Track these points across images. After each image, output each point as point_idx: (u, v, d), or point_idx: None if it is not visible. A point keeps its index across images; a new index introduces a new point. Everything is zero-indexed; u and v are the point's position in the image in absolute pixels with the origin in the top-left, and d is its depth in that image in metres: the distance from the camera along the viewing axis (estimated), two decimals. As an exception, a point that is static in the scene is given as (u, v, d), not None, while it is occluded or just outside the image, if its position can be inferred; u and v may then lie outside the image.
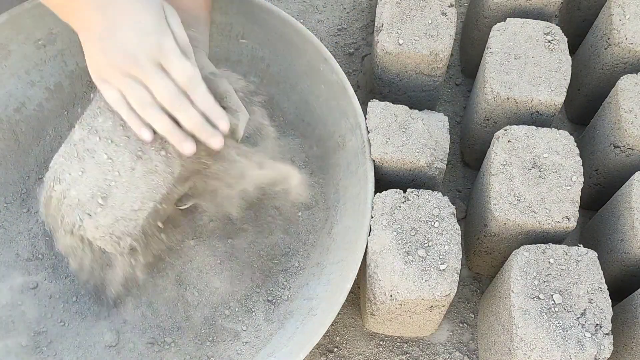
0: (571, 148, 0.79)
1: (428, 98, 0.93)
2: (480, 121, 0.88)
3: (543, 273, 0.71)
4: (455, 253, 0.73)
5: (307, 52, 0.88)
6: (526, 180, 0.77)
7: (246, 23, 0.91)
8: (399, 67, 0.87)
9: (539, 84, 0.82)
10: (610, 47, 0.88)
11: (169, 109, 0.66)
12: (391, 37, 0.85)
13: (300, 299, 0.81)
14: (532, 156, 0.78)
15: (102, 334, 0.79)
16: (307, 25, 1.11)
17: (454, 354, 0.87)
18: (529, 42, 0.85)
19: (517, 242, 0.78)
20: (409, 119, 0.82)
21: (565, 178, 0.77)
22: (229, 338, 0.80)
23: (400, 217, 0.76)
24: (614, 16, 0.87)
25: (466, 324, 0.89)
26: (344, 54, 1.10)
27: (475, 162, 0.97)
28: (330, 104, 0.87)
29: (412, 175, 0.82)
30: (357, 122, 0.82)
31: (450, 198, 0.96)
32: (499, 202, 0.76)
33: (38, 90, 0.90)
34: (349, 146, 0.84)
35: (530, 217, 0.75)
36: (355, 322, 0.88)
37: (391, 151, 0.80)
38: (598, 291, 0.70)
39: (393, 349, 0.87)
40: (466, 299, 0.91)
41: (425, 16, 0.86)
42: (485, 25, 0.95)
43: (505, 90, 0.82)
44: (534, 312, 0.69)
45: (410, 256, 0.73)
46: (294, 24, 0.87)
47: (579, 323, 0.68)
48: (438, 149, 0.81)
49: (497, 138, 0.80)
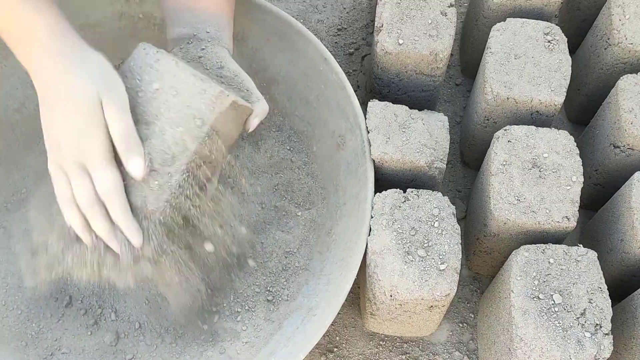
0: (571, 148, 0.79)
1: (428, 98, 0.93)
2: (480, 121, 0.88)
3: (543, 273, 0.71)
4: (455, 253, 0.73)
5: (307, 52, 0.88)
6: (526, 180, 0.77)
7: (246, 23, 0.91)
8: (398, 67, 0.87)
9: (539, 84, 0.82)
10: (610, 47, 0.88)
11: (84, 213, 0.65)
12: (391, 37, 0.85)
13: (300, 298, 0.81)
14: (532, 156, 0.78)
15: (102, 334, 0.79)
16: (307, 25, 1.11)
17: (454, 354, 0.87)
18: (528, 42, 0.85)
19: (517, 242, 0.78)
20: (409, 119, 0.82)
21: (565, 178, 0.77)
22: (229, 338, 0.80)
23: (400, 217, 0.76)
24: (613, 16, 0.87)
25: (466, 324, 0.89)
26: (344, 54, 1.10)
27: (475, 162, 0.97)
28: (330, 104, 0.87)
29: (412, 175, 0.82)
30: (357, 122, 0.82)
31: (450, 198, 0.96)
32: (499, 202, 0.76)
33: None
34: (348, 146, 0.84)
35: (530, 217, 0.75)
36: (355, 322, 0.88)
37: (391, 151, 0.80)
38: (598, 291, 0.70)
39: (393, 348, 0.87)
40: (466, 299, 0.91)
41: (425, 16, 0.86)
42: (485, 25, 0.95)
43: (505, 90, 0.82)
44: (533, 312, 0.69)
45: (410, 256, 0.73)
46: (294, 24, 0.87)
47: (579, 323, 0.68)
48: (438, 149, 0.81)
49: (497, 138, 0.80)
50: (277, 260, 0.84)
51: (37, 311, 0.80)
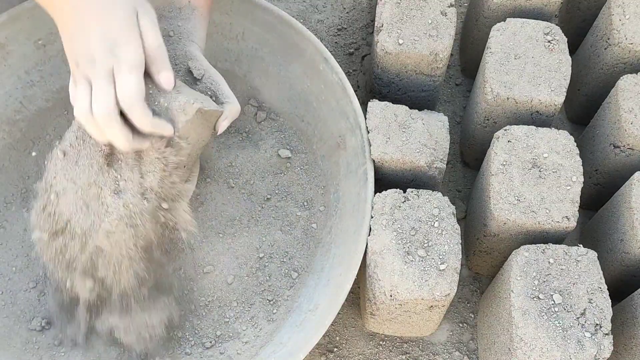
0: (571, 148, 0.79)
1: (428, 98, 0.93)
2: (480, 121, 0.88)
3: (543, 273, 0.71)
4: (455, 253, 0.73)
5: (307, 52, 0.88)
6: (526, 180, 0.77)
7: (246, 23, 0.91)
8: (398, 67, 0.87)
9: (539, 84, 0.82)
10: (610, 47, 0.88)
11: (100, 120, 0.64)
12: (391, 37, 0.85)
13: (301, 298, 0.81)
14: (532, 156, 0.78)
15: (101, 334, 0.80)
16: (307, 25, 1.11)
17: (454, 354, 0.87)
18: (528, 42, 0.85)
19: (517, 242, 0.78)
20: (409, 118, 0.82)
21: (565, 178, 0.77)
22: (229, 338, 0.80)
23: (400, 217, 0.76)
24: (613, 16, 0.87)
25: (466, 324, 0.89)
26: (344, 54, 1.10)
27: (475, 162, 0.97)
28: (330, 104, 0.87)
29: (412, 175, 0.82)
30: (357, 122, 0.82)
31: (450, 198, 0.96)
32: (499, 202, 0.76)
33: (38, 90, 0.90)
34: (349, 146, 0.84)
35: (530, 217, 0.75)
36: (355, 322, 0.88)
37: (391, 151, 0.80)
38: (598, 291, 0.70)
39: (393, 348, 0.87)
40: (466, 299, 0.91)
41: (425, 16, 0.86)
42: (485, 25, 0.95)
43: (505, 90, 0.82)
44: (533, 312, 0.69)
45: (410, 256, 0.73)
46: (294, 24, 0.87)
47: (579, 323, 0.68)
48: (438, 149, 0.81)
49: (497, 138, 0.80)
50: (278, 260, 0.84)
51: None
